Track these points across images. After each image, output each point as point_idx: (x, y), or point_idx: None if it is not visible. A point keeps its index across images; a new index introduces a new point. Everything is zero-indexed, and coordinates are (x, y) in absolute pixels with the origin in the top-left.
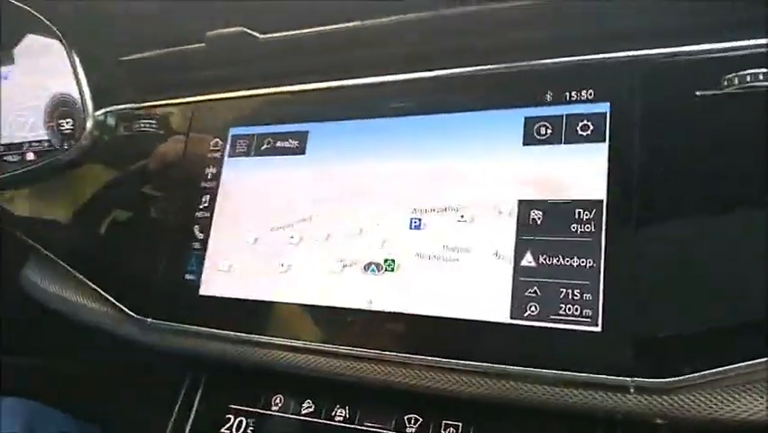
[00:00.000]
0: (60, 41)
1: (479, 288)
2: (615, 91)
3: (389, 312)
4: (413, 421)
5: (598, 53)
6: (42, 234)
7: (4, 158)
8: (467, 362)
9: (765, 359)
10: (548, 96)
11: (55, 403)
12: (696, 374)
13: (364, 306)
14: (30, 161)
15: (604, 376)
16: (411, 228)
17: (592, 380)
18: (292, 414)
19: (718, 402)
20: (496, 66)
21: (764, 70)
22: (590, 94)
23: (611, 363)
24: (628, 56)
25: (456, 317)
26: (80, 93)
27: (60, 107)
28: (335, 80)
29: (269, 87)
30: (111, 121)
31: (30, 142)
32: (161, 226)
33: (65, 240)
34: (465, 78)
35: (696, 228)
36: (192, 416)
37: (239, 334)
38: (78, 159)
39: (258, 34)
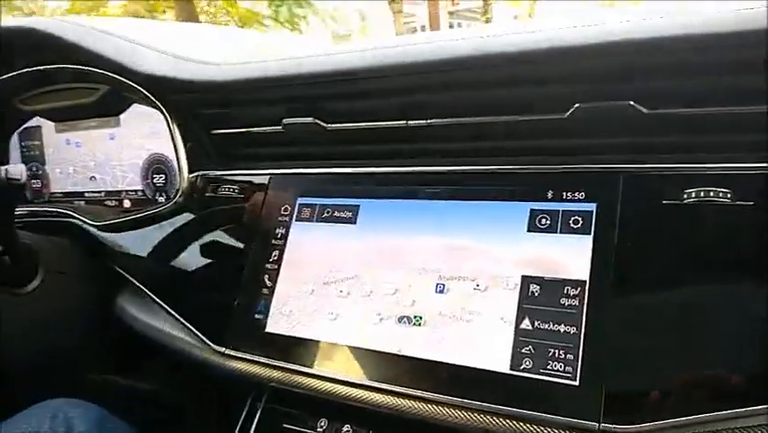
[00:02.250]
0: (162, 111)
1: (487, 343)
2: (601, 194)
3: (415, 358)
4: None
5: (590, 164)
6: (138, 271)
7: (104, 202)
8: (473, 402)
9: (708, 414)
10: (549, 194)
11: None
12: (652, 423)
13: (395, 351)
14: (126, 207)
15: (577, 420)
16: (436, 292)
17: (569, 423)
18: None
19: None
20: (510, 167)
21: (713, 189)
22: (582, 195)
23: (585, 411)
24: (612, 168)
25: (468, 365)
26: (176, 157)
27: (156, 165)
28: (383, 167)
29: (331, 167)
30: (201, 183)
31: (127, 191)
32: (238, 273)
33: (157, 277)
34: (486, 174)
35: (658, 305)
36: (253, 428)
37: (294, 366)
38: (173, 211)
39: (325, 124)
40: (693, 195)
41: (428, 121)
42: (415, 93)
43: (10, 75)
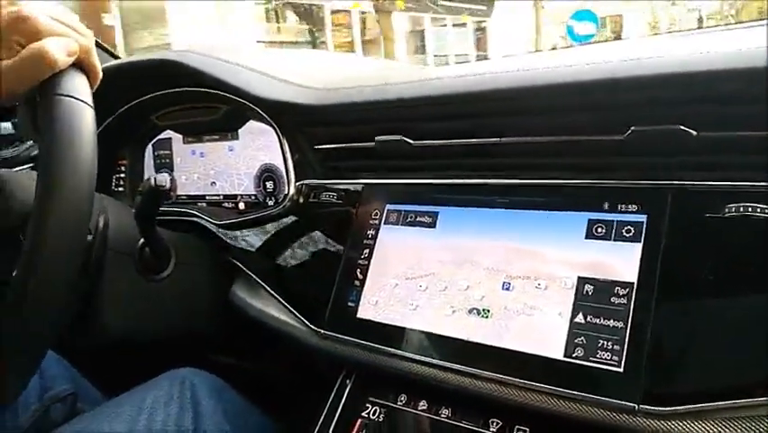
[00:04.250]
0: (273, 128)
1: (544, 334)
2: (651, 207)
3: (482, 344)
4: (494, 423)
5: (643, 179)
6: (251, 264)
7: (222, 204)
8: (532, 383)
9: (739, 401)
10: (605, 206)
11: (239, 388)
12: (684, 406)
13: (464, 337)
14: (240, 209)
15: (620, 402)
16: (503, 289)
17: (612, 404)
18: (411, 409)
19: (703, 429)
20: (572, 181)
21: (752, 204)
22: (635, 207)
23: (626, 394)
24: (662, 184)
25: (526, 351)
26: (285, 167)
27: (266, 174)
28: (460, 179)
29: (415, 178)
30: (305, 190)
31: (242, 195)
32: (335, 267)
33: (267, 269)
34: (550, 187)
35: (698, 306)
36: (342, 402)
37: (380, 347)
38: (282, 213)
39: (412, 141)
40: (734, 209)
41: (501, 139)
42: (490, 116)
43: (149, 96)
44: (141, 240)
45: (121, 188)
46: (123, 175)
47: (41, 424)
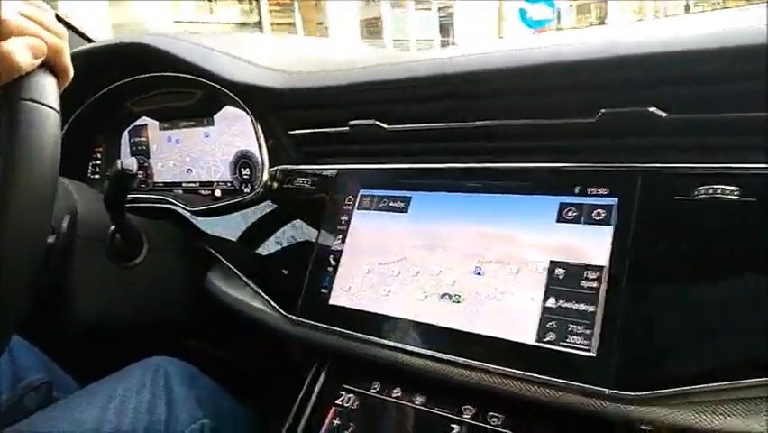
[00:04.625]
0: (248, 113)
1: (516, 319)
2: (622, 191)
3: (454, 329)
4: (468, 410)
5: (613, 162)
6: (225, 251)
7: (199, 191)
8: (503, 368)
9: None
10: (576, 189)
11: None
12: (655, 391)
13: (436, 323)
14: (217, 196)
15: (591, 387)
16: (474, 274)
17: (584, 389)
18: (385, 396)
19: (675, 413)
20: (543, 165)
21: (721, 186)
22: (605, 191)
23: (598, 378)
24: (633, 167)
25: (498, 336)
26: (260, 153)
27: (243, 160)
28: (433, 163)
29: (389, 162)
30: (279, 176)
31: (218, 182)
32: (309, 253)
33: (241, 256)
34: (521, 170)
35: (669, 289)
36: (317, 389)
37: (353, 333)
38: (256, 200)
39: (385, 125)
40: (703, 192)
41: (473, 123)
42: (462, 99)
43: (124, 81)
44: (113, 227)
45: (97, 176)
46: (99, 162)
47: (14, 412)
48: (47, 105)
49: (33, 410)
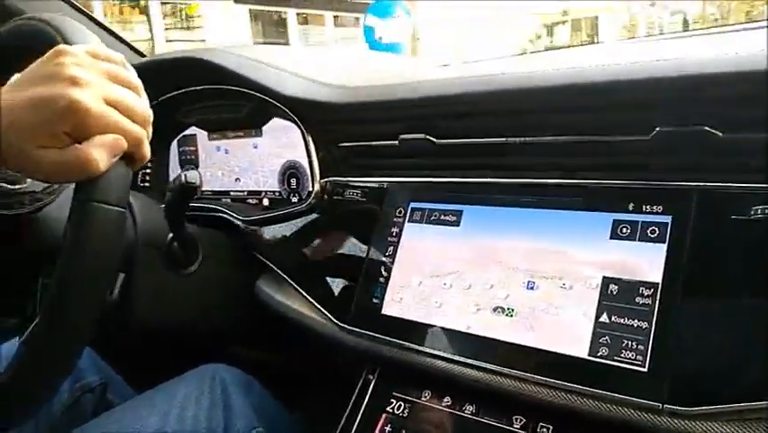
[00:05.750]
0: (298, 126)
1: (569, 333)
2: (676, 208)
3: (507, 342)
4: (518, 420)
5: (668, 181)
6: (276, 259)
7: (247, 200)
8: (556, 381)
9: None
10: (630, 207)
11: (264, 382)
12: (709, 407)
13: (489, 335)
14: (265, 205)
15: (645, 401)
16: (527, 288)
17: (637, 404)
18: (435, 405)
19: (728, 430)
20: (597, 182)
21: None
22: (660, 208)
23: (652, 393)
24: (688, 185)
25: (551, 350)
26: (309, 164)
27: (290, 170)
28: (484, 178)
29: (439, 176)
30: (330, 187)
31: (266, 192)
32: (359, 263)
33: (292, 265)
34: (577, 187)
35: (722, 306)
36: (367, 396)
37: (404, 343)
38: (307, 210)
39: (435, 140)
40: (759, 211)
41: (525, 139)
42: (513, 115)
43: (175, 93)
44: (170, 235)
45: (147, 184)
46: (149, 171)
47: (72, 412)
48: (116, 206)
49: (89, 411)
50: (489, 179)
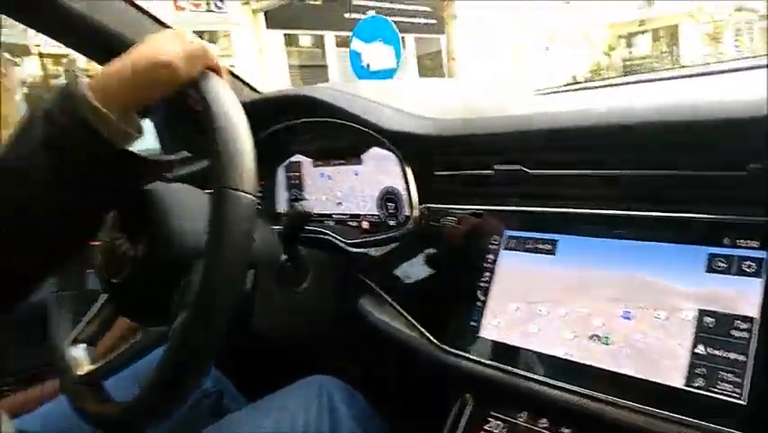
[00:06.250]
0: (396, 155)
1: (665, 363)
2: None
3: (603, 369)
4: None
5: (763, 216)
6: (377, 280)
7: (348, 223)
8: (652, 408)
9: None
10: (726, 241)
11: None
12: None
13: (585, 362)
14: (364, 228)
15: None
16: (623, 318)
17: None
18: (532, 426)
19: None
20: (692, 215)
21: None
22: (756, 244)
23: (750, 425)
24: None
25: (648, 379)
26: (407, 191)
27: (388, 196)
28: (579, 208)
29: (533, 205)
30: (427, 213)
31: (365, 215)
32: (457, 287)
33: (393, 286)
34: (672, 220)
35: None
36: (466, 415)
37: (502, 366)
38: (406, 235)
39: (529, 170)
40: None
41: (620, 172)
42: (608, 149)
43: (286, 124)
44: (284, 256)
45: (258, 206)
46: (260, 195)
47: (192, 414)
48: (246, 192)
49: (207, 414)
50: (583, 210)
